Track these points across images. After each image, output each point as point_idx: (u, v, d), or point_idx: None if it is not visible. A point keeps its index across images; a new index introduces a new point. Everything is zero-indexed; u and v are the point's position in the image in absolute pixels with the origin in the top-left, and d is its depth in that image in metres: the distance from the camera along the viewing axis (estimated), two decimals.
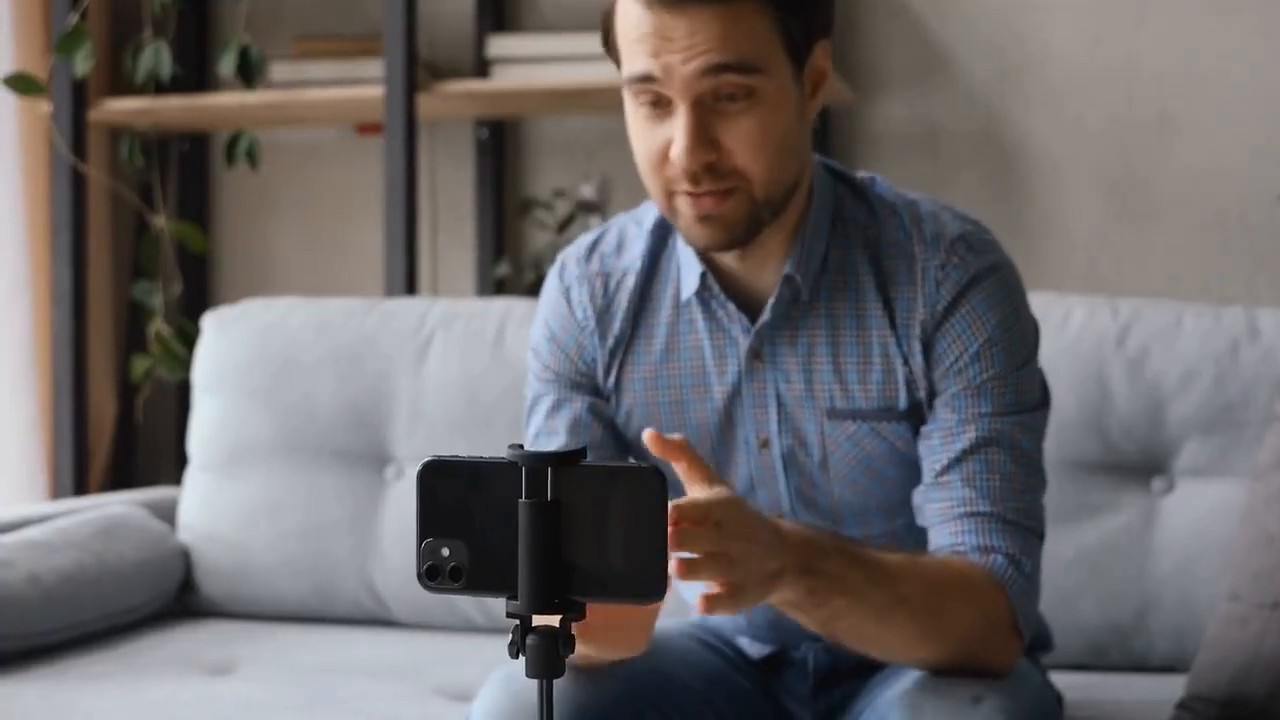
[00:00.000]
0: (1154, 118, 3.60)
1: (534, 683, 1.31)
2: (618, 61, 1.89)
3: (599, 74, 3.54)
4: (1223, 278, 3.56)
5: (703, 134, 1.83)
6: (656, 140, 1.87)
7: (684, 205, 1.88)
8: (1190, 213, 3.58)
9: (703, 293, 1.98)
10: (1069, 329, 2.67)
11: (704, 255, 1.98)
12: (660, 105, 1.85)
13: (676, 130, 1.84)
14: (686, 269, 1.99)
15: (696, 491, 1.68)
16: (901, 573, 1.82)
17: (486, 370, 2.93)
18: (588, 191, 3.78)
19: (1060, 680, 2.26)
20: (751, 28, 1.81)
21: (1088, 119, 3.64)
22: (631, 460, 2.06)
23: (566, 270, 2.09)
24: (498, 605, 2.87)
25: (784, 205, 1.91)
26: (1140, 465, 2.65)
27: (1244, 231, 3.55)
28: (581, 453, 1.29)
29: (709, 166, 1.84)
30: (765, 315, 1.96)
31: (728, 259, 1.97)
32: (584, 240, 2.12)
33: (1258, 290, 3.52)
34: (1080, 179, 3.65)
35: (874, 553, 1.82)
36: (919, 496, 1.98)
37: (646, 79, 1.84)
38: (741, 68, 1.81)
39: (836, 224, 1.99)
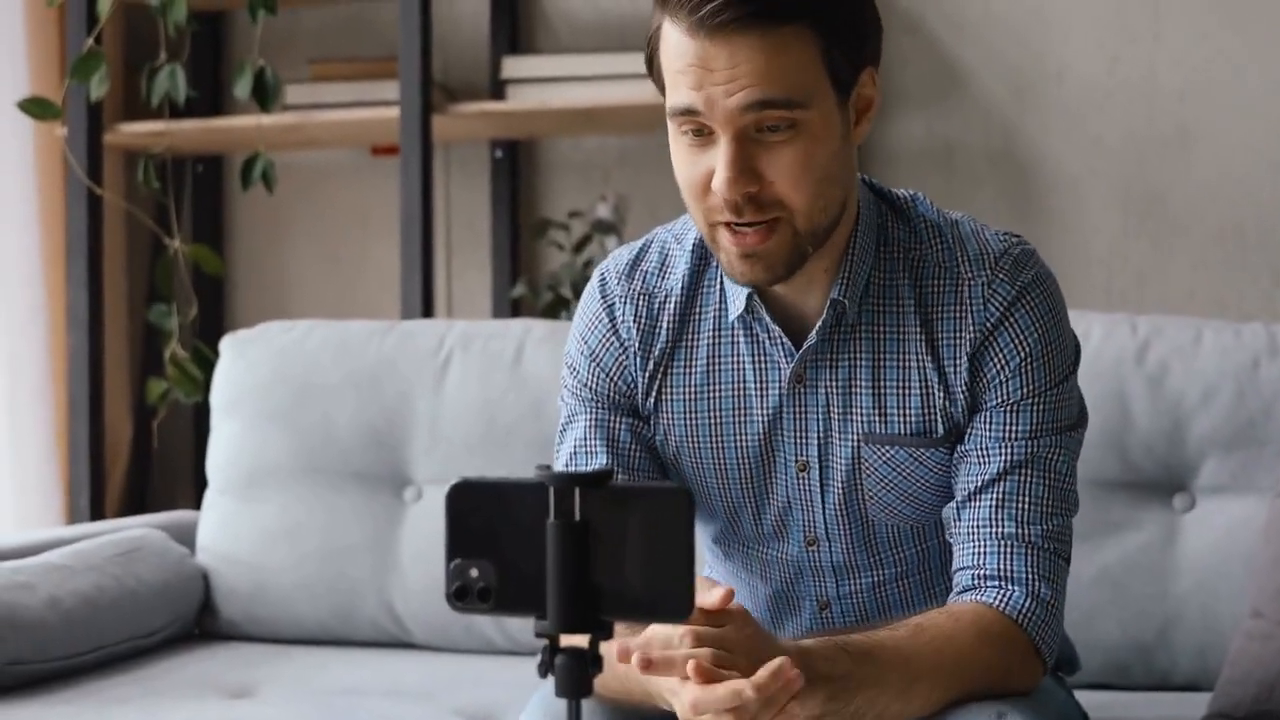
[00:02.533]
0: (1171, 134, 3.59)
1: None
2: (661, 88, 1.87)
3: (614, 94, 3.54)
4: (1241, 293, 3.55)
5: (744, 165, 1.81)
6: (699, 170, 1.84)
7: (726, 240, 1.86)
8: (1209, 228, 3.58)
9: (747, 315, 1.97)
10: (1088, 346, 2.66)
11: None
12: (703, 135, 1.83)
13: (718, 161, 1.81)
14: (732, 291, 1.97)
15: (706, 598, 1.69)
16: (911, 649, 1.81)
17: (505, 391, 2.92)
18: (604, 211, 3.78)
19: (1083, 699, 2.25)
20: (796, 58, 1.79)
21: (1105, 136, 3.64)
22: (665, 481, 2.05)
23: (609, 287, 2.06)
24: (517, 626, 2.88)
25: (828, 235, 1.89)
26: (1161, 482, 2.64)
27: (1263, 246, 3.55)
28: (609, 473, 1.29)
29: (751, 197, 1.82)
30: (811, 339, 1.95)
31: None
32: (623, 256, 2.08)
33: (1277, 305, 3.51)
34: (1098, 196, 3.64)
35: (879, 637, 1.81)
36: (948, 512, 1.98)
37: (689, 112, 1.82)
38: (785, 103, 1.79)
39: (881, 246, 1.98)
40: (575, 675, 1.29)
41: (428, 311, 3.53)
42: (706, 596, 1.67)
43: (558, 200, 3.97)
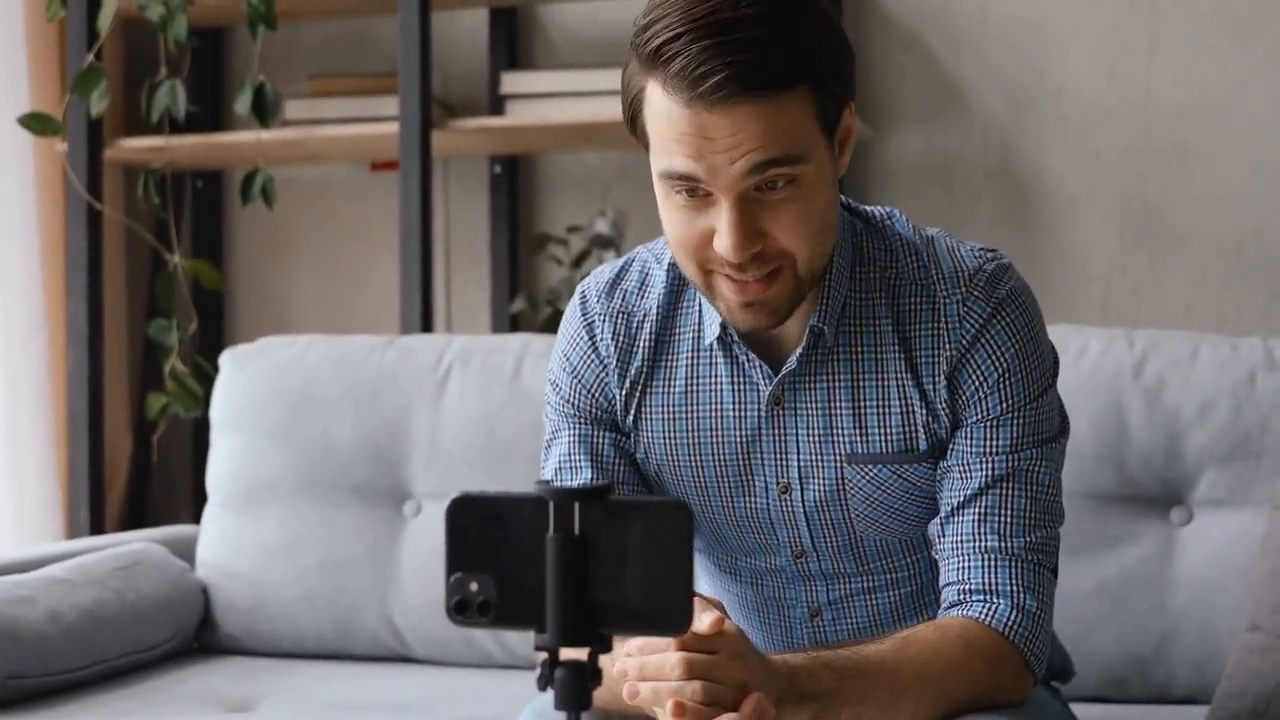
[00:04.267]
0: (1169, 149, 3.60)
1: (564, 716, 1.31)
2: (646, 146, 1.86)
3: (613, 109, 3.51)
4: (1240, 308, 3.56)
5: (749, 228, 1.79)
6: (696, 229, 1.83)
7: (726, 289, 1.85)
8: (1206, 243, 3.58)
9: (724, 338, 1.98)
10: (1086, 361, 2.67)
11: None
12: (697, 195, 1.81)
13: (721, 224, 1.80)
14: (709, 315, 1.98)
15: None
16: (897, 663, 1.82)
17: (504, 406, 2.93)
18: (602, 226, 3.78)
19: (1080, 712, 2.25)
20: (794, 118, 1.78)
21: (1103, 151, 3.65)
22: (664, 496, 2.06)
23: (589, 305, 2.07)
24: (517, 640, 2.88)
25: (824, 273, 1.91)
26: (1158, 496, 2.64)
27: (1261, 261, 3.55)
28: (608, 488, 1.30)
29: (755, 256, 1.81)
30: (790, 365, 1.95)
31: None
32: (604, 274, 2.09)
33: (1275, 320, 3.52)
34: (1096, 211, 3.65)
35: (864, 652, 1.82)
36: (933, 529, 1.98)
37: (687, 178, 1.80)
38: (787, 160, 1.78)
39: (857, 266, 1.98)
40: (575, 688, 1.30)
41: (427, 326, 3.54)
42: (699, 622, 1.67)
43: (557, 215, 3.97)
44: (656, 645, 1.69)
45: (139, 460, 4.09)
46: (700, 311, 2.01)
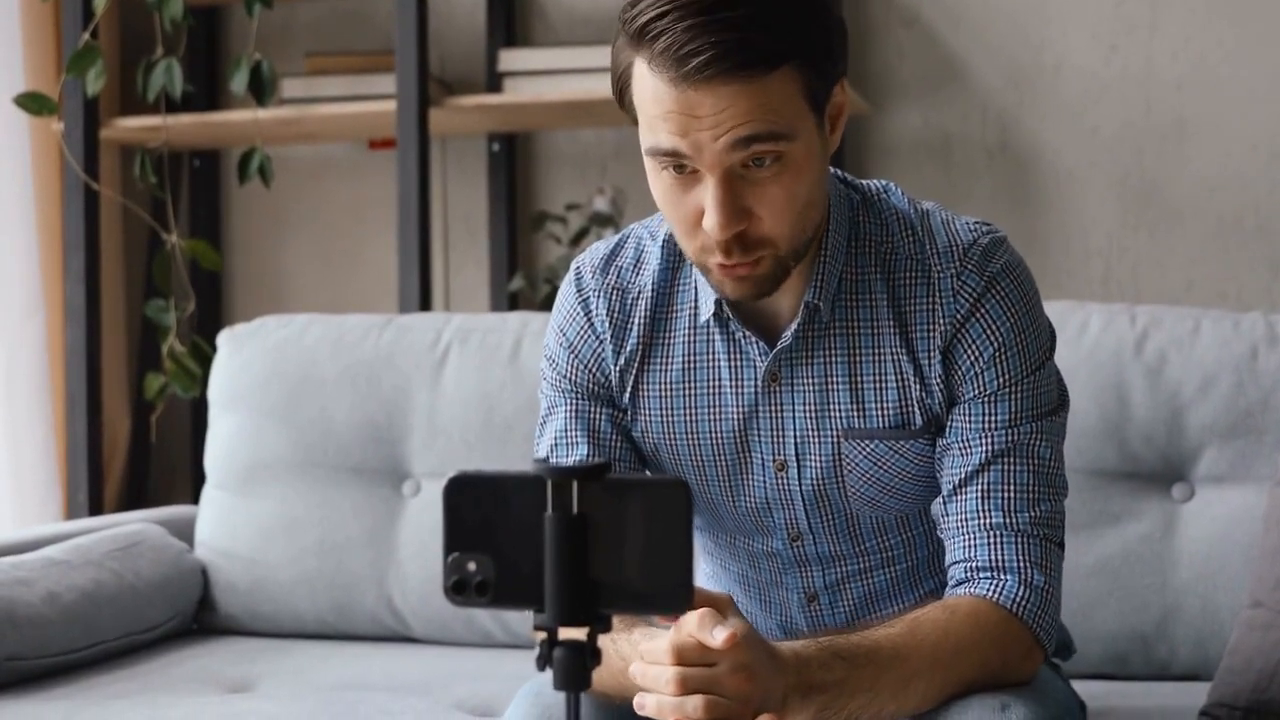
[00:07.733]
0: (1169, 125, 3.59)
1: (562, 696, 1.30)
2: (634, 121, 1.86)
3: (610, 87, 3.53)
4: (1240, 283, 3.55)
5: (734, 206, 1.79)
6: (687, 207, 1.83)
7: (716, 269, 1.86)
8: (1207, 219, 3.58)
9: (720, 315, 1.97)
10: (1087, 337, 2.66)
11: None
12: (684, 170, 1.82)
13: (707, 202, 1.80)
14: (704, 293, 1.98)
15: (701, 621, 1.69)
16: (907, 648, 1.81)
17: (503, 384, 2.92)
18: (601, 204, 3.77)
19: (1082, 689, 2.25)
20: (780, 95, 1.77)
21: (1102, 127, 3.64)
22: (650, 473, 2.06)
23: (583, 280, 2.07)
24: (517, 620, 2.88)
25: (809, 248, 1.90)
26: (1160, 472, 2.64)
27: (1261, 237, 3.54)
28: (606, 466, 1.29)
29: (739, 236, 1.81)
30: (786, 340, 1.95)
31: None
32: (599, 250, 2.09)
33: (1276, 296, 3.51)
34: (1096, 187, 3.64)
35: (875, 637, 1.81)
36: (936, 507, 1.97)
37: (672, 154, 1.81)
38: (771, 136, 1.77)
39: (852, 241, 1.97)
40: (574, 668, 1.29)
41: (425, 305, 3.53)
42: (712, 636, 1.67)
43: (555, 193, 3.96)
44: (657, 654, 1.68)
45: (137, 441, 4.08)
46: (696, 289, 2.00)
